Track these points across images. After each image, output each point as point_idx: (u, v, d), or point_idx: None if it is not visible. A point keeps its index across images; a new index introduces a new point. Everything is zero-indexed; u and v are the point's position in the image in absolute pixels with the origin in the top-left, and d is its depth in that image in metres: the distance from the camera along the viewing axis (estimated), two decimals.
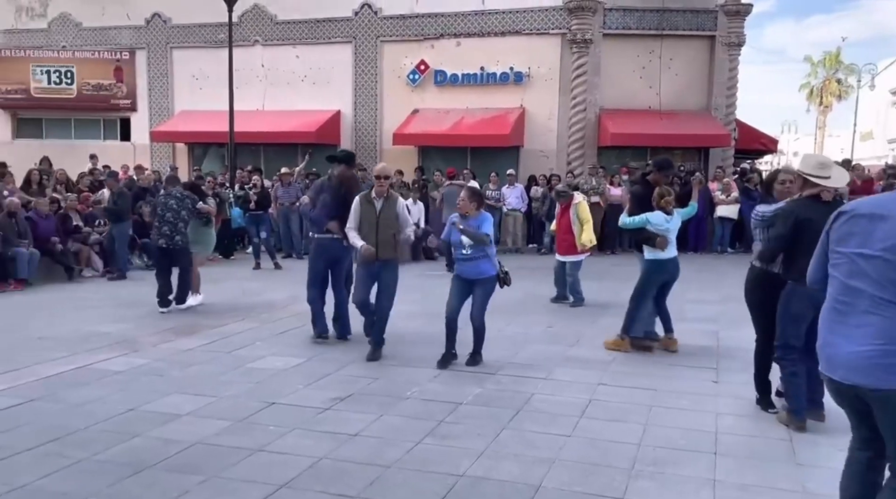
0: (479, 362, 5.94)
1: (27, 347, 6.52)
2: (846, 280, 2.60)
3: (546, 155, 16.59)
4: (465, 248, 5.81)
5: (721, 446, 4.22)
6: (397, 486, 3.67)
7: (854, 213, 2.63)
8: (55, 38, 19.77)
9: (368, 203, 6.09)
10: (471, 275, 5.88)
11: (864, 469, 2.77)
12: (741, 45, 16.39)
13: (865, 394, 2.55)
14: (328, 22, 17.75)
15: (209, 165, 18.21)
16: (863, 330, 2.51)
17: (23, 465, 3.88)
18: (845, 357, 2.56)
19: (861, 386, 2.53)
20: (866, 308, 2.52)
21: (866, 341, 2.50)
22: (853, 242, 2.59)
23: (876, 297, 2.49)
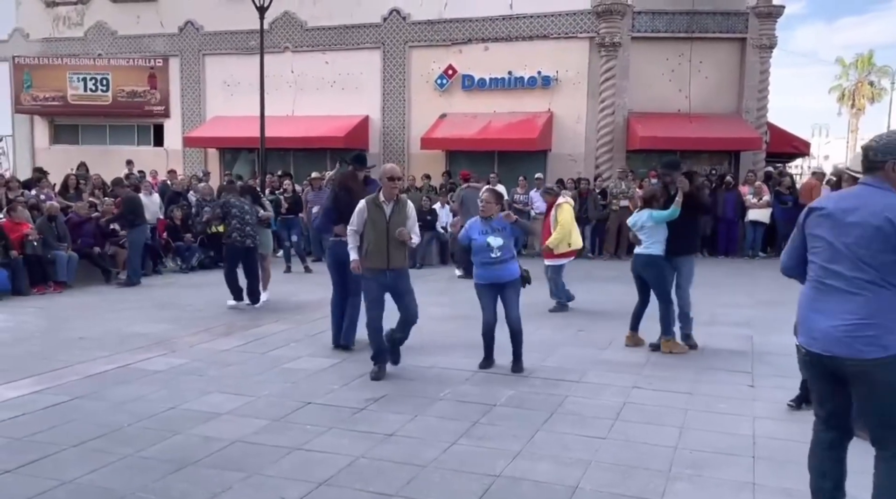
0: (523, 369, 5.82)
1: (69, 347, 6.69)
2: (826, 264, 2.90)
3: (574, 159, 16.55)
4: (494, 250, 5.74)
5: (759, 449, 4.18)
6: (435, 485, 3.71)
7: (826, 209, 2.96)
8: (91, 46, 20.24)
9: (377, 207, 5.56)
10: (501, 278, 5.81)
11: (828, 448, 3.06)
12: (772, 48, 16.20)
13: (843, 365, 2.81)
14: (357, 28, 17.94)
15: (240, 170, 18.48)
16: (842, 307, 2.82)
17: (70, 461, 4.00)
18: (826, 331, 2.85)
19: (840, 357, 2.81)
20: (845, 288, 2.83)
21: (846, 317, 2.80)
22: (829, 232, 2.91)
23: (854, 278, 2.81)
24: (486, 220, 5.83)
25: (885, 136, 3.00)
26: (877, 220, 2.79)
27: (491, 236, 5.77)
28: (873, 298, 2.78)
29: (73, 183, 13.03)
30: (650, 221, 6.42)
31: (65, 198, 12.38)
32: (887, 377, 2.77)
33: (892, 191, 2.87)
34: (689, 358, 6.31)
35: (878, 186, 2.90)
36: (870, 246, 2.79)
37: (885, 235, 2.77)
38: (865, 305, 2.78)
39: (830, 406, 3.03)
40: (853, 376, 2.83)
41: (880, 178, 2.91)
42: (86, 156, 17.03)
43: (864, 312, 2.78)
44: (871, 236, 2.80)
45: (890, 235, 2.76)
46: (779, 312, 4.89)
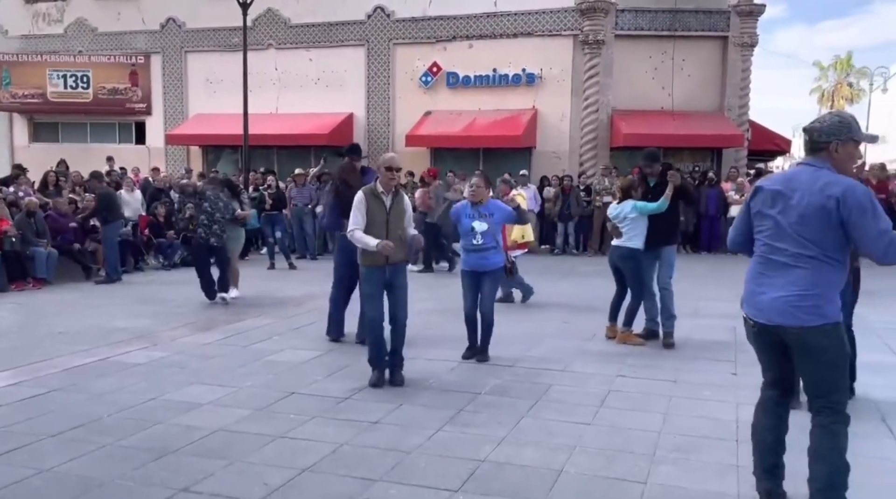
0: (483, 361, 5.80)
1: (48, 341, 6.59)
2: (771, 242, 3.08)
3: (558, 156, 16.60)
4: (477, 236, 5.69)
5: (742, 433, 4.18)
6: (419, 470, 3.68)
7: (771, 188, 3.11)
8: (71, 43, 20.01)
9: (376, 198, 5.18)
10: (482, 266, 5.77)
11: (773, 405, 3.30)
12: (754, 46, 16.36)
13: (787, 334, 3.02)
14: (341, 25, 17.88)
15: (223, 167, 18.35)
16: (785, 279, 3.01)
17: (48, 450, 3.92)
18: (771, 302, 3.04)
19: (784, 326, 3.01)
20: (789, 263, 3.00)
21: (789, 289, 2.99)
22: (774, 211, 3.07)
23: (797, 254, 2.98)
24: (475, 204, 5.77)
25: (828, 117, 3.09)
26: (818, 198, 2.92)
27: (476, 221, 5.72)
28: (814, 271, 2.95)
29: (52, 180, 12.85)
30: (633, 213, 6.36)
31: (44, 195, 12.19)
32: (826, 343, 2.97)
33: (832, 170, 2.99)
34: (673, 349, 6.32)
35: (819, 166, 3.02)
36: (812, 224, 2.94)
37: (826, 212, 2.90)
38: (807, 277, 2.96)
39: (775, 373, 3.25)
40: (795, 343, 3.03)
41: (823, 158, 3.03)
42: (66, 154, 16.81)
43: (806, 284, 2.96)
44: (813, 215, 2.93)
45: (831, 212, 2.89)
46: None
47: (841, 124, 3.04)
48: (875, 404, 4.74)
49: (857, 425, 4.25)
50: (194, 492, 3.42)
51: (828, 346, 2.98)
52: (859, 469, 3.63)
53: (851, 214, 2.86)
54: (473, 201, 5.80)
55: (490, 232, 5.71)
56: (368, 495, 3.40)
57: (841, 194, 2.88)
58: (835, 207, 2.88)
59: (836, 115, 3.10)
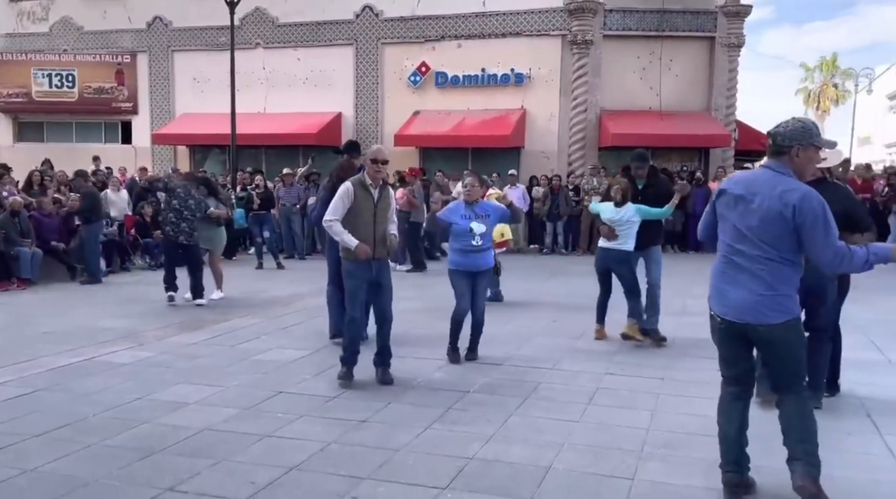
0: (476, 358, 5.82)
1: (32, 341, 6.52)
2: (732, 243, 3.23)
3: (547, 156, 16.63)
4: (476, 237, 5.63)
5: None
6: (408, 467, 3.67)
7: (733, 191, 3.25)
8: (57, 41, 19.84)
9: (364, 190, 5.05)
10: (479, 266, 5.72)
11: (733, 400, 3.44)
12: (741, 47, 16.47)
13: (755, 331, 3.19)
14: (329, 24, 17.83)
15: (210, 167, 18.26)
16: (749, 281, 3.16)
17: (33, 450, 3.88)
18: (738, 301, 3.20)
19: (751, 323, 3.18)
20: (749, 265, 3.16)
21: (753, 289, 3.15)
22: (735, 215, 3.22)
23: (757, 256, 3.14)
24: (470, 204, 5.72)
25: (791, 122, 3.20)
26: (777, 204, 3.07)
27: (475, 222, 5.65)
28: (774, 271, 3.12)
29: (37, 179, 12.74)
30: (637, 217, 6.28)
31: (29, 194, 12.07)
32: (791, 336, 3.19)
33: (791, 175, 3.13)
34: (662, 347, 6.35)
35: (780, 171, 3.15)
36: (770, 228, 3.09)
37: (783, 217, 3.05)
38: (768, 278, 3.13)
39: (737, 369, 3.40)
40: (762, 339, 3.22)
41: (784, 162, 3.15)
42: (51, 154, 16.66)
43: (767, 284, 3.13)
44: (771, 219, 3.09)
45: (787, 218, 3.05)
46: None
47: (803, 130, 3.15)
48: (860, 400, 4.77)
49: (843, 422, 4.32)
50: (180, 491, 3.39)
51: (793, 338, 3.20)
52: (845, 466, 3.68)
53: (805, 221, 3.02)
54: (468, 201, 5.75)
55: (488, 233, 5.69)
56: (356, 493, 3.38)
57: (797, 202, 3.03)
58: (791, 214, 3.04)
59: (799, 121, 3.20)
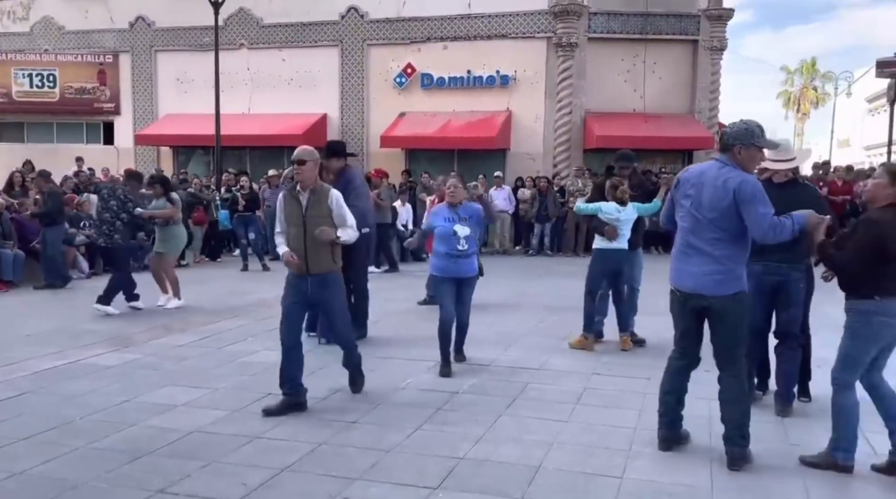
0: (464, 359, 5.77)
1: (16, 343, 6.45)
2: (689, 227, 3.71)
3: (532, 157, 16.71)
4: (461, 241, 5.41)
5: (715, 428, 4.24)
6: (398, 468, 3.69)
7: (686, 181, 3.75)
8: (37, 41, 19.61)
9: (293, 198, 4.59)
10: (464, 273, 5.50)
11: (677, 372, 3.94)
12: (723, 50, 16.65)
13: (707, 301, 3.67)
14: (314, 25, 17.79)
15: (194, 168, 18.15)
16: (704, 258, 3.64)
17: (21, 453, 3.85)
18: (694, 275, 3.69)
19: (705, 295, 3.66)
20: (703, 245, 3.64)
21: (708, 266, 3.64)
22: (689, 203, 3.69)
23: (709, 238, 3.63)
24: (453, 207, 5.52)
25: (738, 124, 3.68)
26: (721, 191, 3.55)
27: (458, 225, 5.44)
28: (723, 250, 3.60)
29: (17, 180, 12.57)
30: (635, 214, 6.32)
31: (10, 196, 11.92)
32: (737, 307, 3.66)
33: (735, 167, 3.60)
34: (647, 348, 6.40)
35: (725, 163, 3.64)
36: (718, 211, 3.57)
37: (727, 200, 3.52)
38: (717, 255, 3.61)
39: (687, 341, 3.88)
40: (712, 310, 3.69)
41: (728, 157, 3.64)
42: (32, 154, 16.45)
43: (717, 260, 3.61)
44: (717, 203, 3.56)
45: (730, 200, 3.51)
46: None
47: (746, 131, 3.61)
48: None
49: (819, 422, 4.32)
50: (171, 493, 3.39)
51: (739, 310, 3.67)
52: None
53: (744, 200, 3.49)
54: (452, 203, 5.54)
55: (472, 237, 5.49)
56: (348, 493, 3.40)
57: (737, 186, 3.51)
58: (732, 197, 3.51)
59: (744, 123, 3.65)
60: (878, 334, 3.59)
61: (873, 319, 3.56)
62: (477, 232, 5.67)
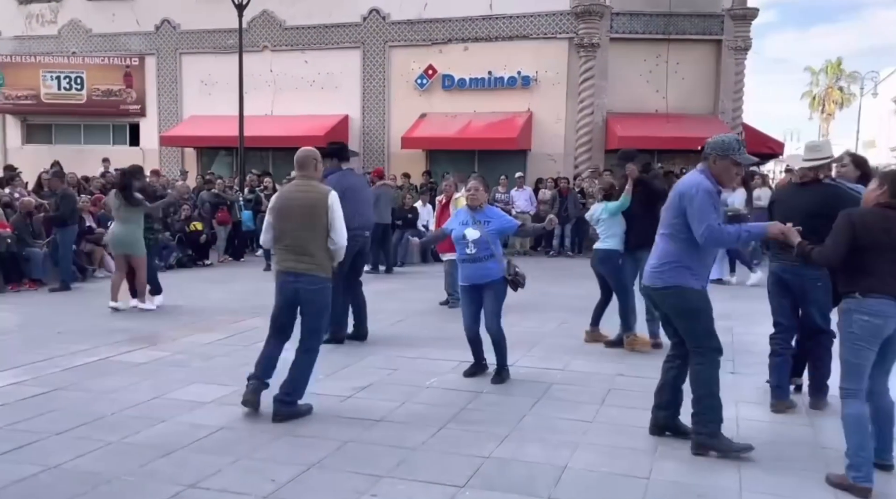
0: (506, 378, 5.28)
1: (47, 341, 6.57)
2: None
3: (553, 158, 16.68)
4: (469, 245, 5.15)
5: (743, 430, 4.26)
6: (424, 466, 3.72)
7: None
8: (65, 44, 19.95)
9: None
10: (477, 279, 5.20)
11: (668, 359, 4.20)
12: (747, 50, 16.49)
13: (653, 293, 4.03)
14: (337, 27, 17.90)
15: (218, 169, 18.33)
16: (653, 255, 4.02)
17: (54, 447, 3.94)
18: (646, 269, 4.06)
19: (649, 287, 4.01)
20: (657, 242, 4.01)
21: (653, 260, 4.00)
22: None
23: (661, 234, 3.97)
24: (473, 210, 5.27)
25: (718, 136, 3.94)
26: (674, 194, 3.91)
27: (469, 228, 5.18)
28: (667, 247, 3.91)
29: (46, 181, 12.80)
30: (605, 214, 6.30)
31: (39, 196, 12.15)
32: (673, 302, 3.94)
33: (706, 174, 3.86)
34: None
35: (701, 170, 3.91)
36: (669, 212, 3.91)
37: (675, 202, 3.86)
38: (663, 251, 3.93)
39: (670, 333, 4.16)
40: (656, 299, 4.05)
41: (706, 165, 3.90)
42: (59, 155, 16.69)
43: (661, 257, 3.93)
44: (670, 205, 3.90)
45: (677, 203, 3.85)
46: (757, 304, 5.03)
47: (722, 144, 3.84)
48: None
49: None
50: (202, 488, 3.44)
51: (674, 304, 3.93)
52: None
53: (685, 203, 3.79)
54: (471, 206, 5.29)
55: (483, 240, 5.13)
56: (376, 491, 3.43)
57: (683, 190, 3.84)
58: (678, 200, 3.84)
59: (722, 137, 3.90)
60: (863, 335, 3.41)
61: (854, 317, 3.43)
62: (495, 236, 5.22)
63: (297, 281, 4.46)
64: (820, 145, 4.68)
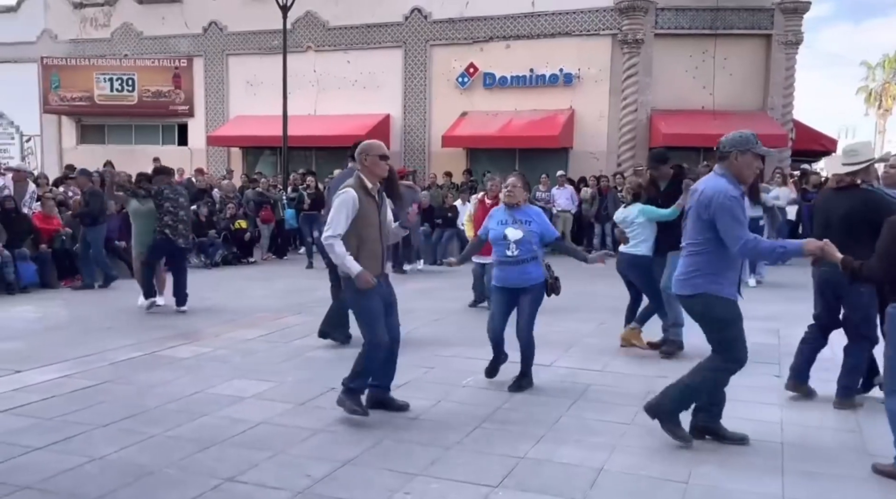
0: (526, 387, 5.01)
1: (96, 335, 6.79)
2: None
3: (596, 156, 16.49)
4: (510, 246, 4.87)
5: (787, 435, 4.14)
6: (459, 465, 3.71)
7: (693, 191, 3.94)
8: (117, 47, 20.58)
9: (368, 196, 4.31)
10: (517, 282, 4.92)
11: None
12: (798, 44, 16.03)
13: (682, 301, 4.04)
14: (379, 27, 18.03)
15: (262, 168, 18.68)
16: (682, 263, 3.99)
17: (100, 439, 4.06)
18: (675, 278, 4.02)
19: (678, 294, 4.04)
20: (685, 250, 3.97)
21: (680, 268, 3.98)
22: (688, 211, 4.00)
23: (688, 243, 3.93)
24: (511, 208, 5.01)
25: (734, 133, 3.85)
26: (696, 203, 3.80)
27: (510, 228, 4.92)
28: (695, 257, 3.85)
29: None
30: (641, 217, 6.05)
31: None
32: (700, 310, 3.90)
33: (726, 178, 3.76)
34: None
35: (721, 174, 3.80)
36: (694, 222, 3.84)
37: (700, 213, 3.76)
38: (691, 260, 3.88)
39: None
40: (684, 305, 4.04)
41: (725, 166, 3.80)
42: (111, 155, 17.29)
43: (689, 265, 3.89)
44: (695, 215, 3.83)
45: (703, 213, 3.74)
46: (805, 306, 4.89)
47: (742, 139, 3.79)
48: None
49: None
50: (240, 482, 3.50)
51: (700, 311, 3.89)
52: None
53: (715, 214, 3.68)
54: (508, 204, 5.02)
55: (526, 240, 4.88)
56: (409, 488, 3.44)
57: (708, 200, 3.71)
58: (704, 210, 3.73)
59: (739, 133, 3.83)
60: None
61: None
62: (537, 237, 4.97)
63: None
64: (857, 149, 4.57)
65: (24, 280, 9.61)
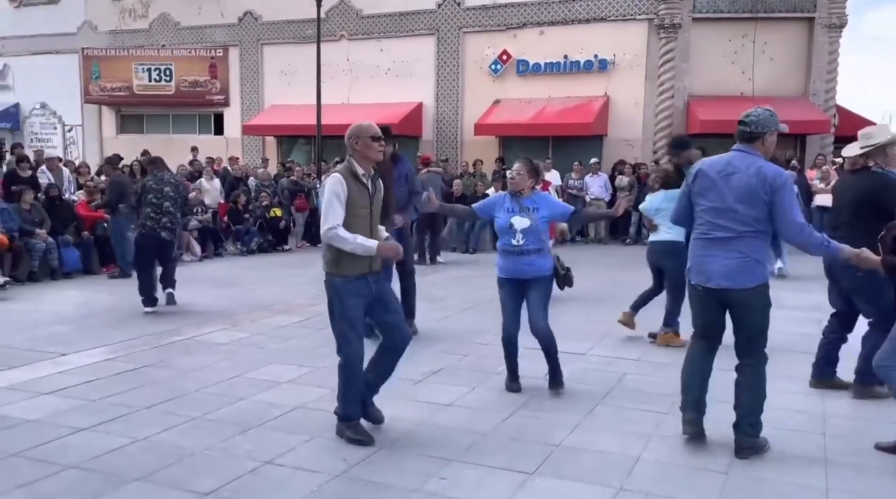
0: (562, 384, 4.75)
1: (137, 320, 6.95)
2: (713, 220, 3.64)
3: (631, 144, 16.25)
4: (516, 235, 4.57)
5: (830, 427, 4.05)
6: (494, 452, 3.71)
7: (710, 172, 3.66)
8: (155, 37, 20.86)
9: (358, 183, 3.90)
10: (523, 273, 4.63)
11: (702, 353, 3.86)
12: (842, 27, 15.53)
13: (729, 294, 3.62)
14: (412, 15, 17.97)
15: (296, 157, 18.80)
16: (726, 252, 3.59)
17: (143, 421, 4.15)
18: (716, 270, 3.62)
19: (727, 288, 3.61)
20: (727, 236, 3.58)
21: (730, 257, 3.58)
22: (714, 194, 3.62)
23: (733, 228, 3.56)
24: (516, 196, 4.68)
25: (760, 111, 3.63)
26: (753, 180, 3.50)
27: (517, 216, 4.60)
28: (747, 242, 3.55)
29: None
30: (666, 203, 5.81)
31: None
32: (758, 300, 3.62)
33: (760, 157, 3.58)
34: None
35: (750, 153, 3.60)
36: (746, 201, 3.52)
37: (759, 192, 3.48)
38: (742, 248, 3.56)
39: (712, 330, 3.83)
40: (735, 302, 3.63)
41: (756, 146, 3.60)
42: (150, 144, 17.59)
43: (741, 254, 3.56)
44: (748, 194, 3.51)
45: (759, 190, 3.48)
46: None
47: (771, 117, 3.61)
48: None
49: None
50: (278, 464, 3.56)
51: (761, 303, 3.63)
52: None
53: (775, 195, 3.46)
54: (514, 192, 4.70)
55: (533, 230, 4.58)
56: (444, 474, 3.45)
57: (772, 178, 3.48)
58: (764, 189, 3.47)
59: (766, 110, 3.63)
60: None
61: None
62: (545, 226, 4.72)
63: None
64: (872, 132, 4.54)
65: (68, 266, 9.88)
